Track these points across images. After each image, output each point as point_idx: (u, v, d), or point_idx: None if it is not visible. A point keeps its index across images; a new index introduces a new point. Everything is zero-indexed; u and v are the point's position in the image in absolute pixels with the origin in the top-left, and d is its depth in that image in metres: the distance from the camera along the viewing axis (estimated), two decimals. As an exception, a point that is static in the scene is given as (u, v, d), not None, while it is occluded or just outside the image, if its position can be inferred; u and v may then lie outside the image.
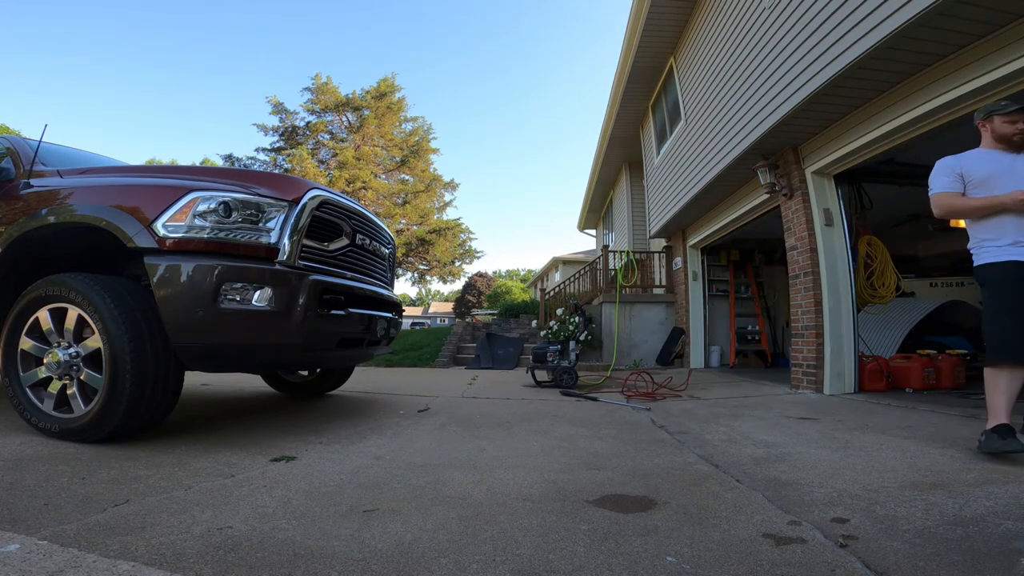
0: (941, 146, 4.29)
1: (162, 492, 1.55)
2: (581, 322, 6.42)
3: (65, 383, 2.11)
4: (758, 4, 4.36)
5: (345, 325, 2.54)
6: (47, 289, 2.13)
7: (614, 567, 1.11)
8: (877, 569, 1.09)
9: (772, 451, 2.22)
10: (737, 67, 4.81)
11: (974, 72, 2.91)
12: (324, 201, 2.49)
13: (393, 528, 1.31)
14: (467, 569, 1.09)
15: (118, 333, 1.98)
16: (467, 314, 24.09)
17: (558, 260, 23.52)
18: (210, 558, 1.11)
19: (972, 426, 2.60)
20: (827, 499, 1.56)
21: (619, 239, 11.52)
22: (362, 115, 19.14)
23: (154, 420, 2.19)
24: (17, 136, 3.12)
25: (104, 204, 2.16)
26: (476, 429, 2.75)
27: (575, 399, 4.12)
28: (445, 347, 8.72)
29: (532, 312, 11.75)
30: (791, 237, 4.56)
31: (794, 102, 3.81)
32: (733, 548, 1.20)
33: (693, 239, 7.39)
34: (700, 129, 5.85)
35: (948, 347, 4.94)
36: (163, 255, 2.04)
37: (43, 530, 1.22)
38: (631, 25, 6.65)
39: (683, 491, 1.65)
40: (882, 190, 4.76)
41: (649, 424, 2.96)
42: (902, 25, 2.76)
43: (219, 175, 2.46)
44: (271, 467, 1.87)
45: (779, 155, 4.67)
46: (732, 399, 4.00)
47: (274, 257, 2.20)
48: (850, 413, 3.18)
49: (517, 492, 1.63)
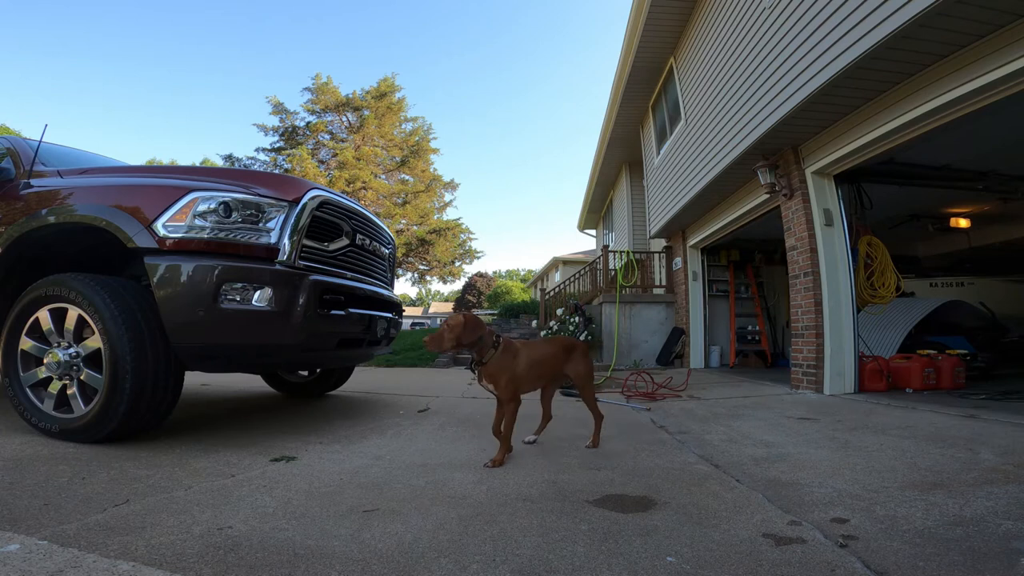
0: (941, 146, 4.34)
1: (162, 492, 1.55)
2: (581, 322, 6.42)
3: (65, 383, 2.11)
4: (758, 4, 4.36)
5: (345, 325, 2.54)
6: (47, 289, 2.13)
7: (614, 567, 1.11)
8: (877, 569, 1.09)
9: (772, 451, 2.22)
10: (737, 67, 4.81)
11: (974, 72, 2.91)
12: (324, 201, 2.50)
13: (393, 528, 1.31)
14: (467, 569, 1.09)
15: (118, 333, 1.98)
16: (467, 314, 24.06)
17: (558, 260, 23.52)
18: (210, 558, 1.11)
19: (972, 426, 2.60)
20: (827, 499, 1.56)
21: (619, 239, 11.52)
22: (362, 115, 19.13)
23: (154, 420, 2.19)
24: (17, 136, 3.12)
25: (104, 204, 2.16)
26: (476, 429, 2.75)
27: (575, 399, 4.12)
28: (445, 347, 8.71)
29: (532, 312, 11.76)
30: (791, 237, 4.56)
31: (794, 102, 3.81)
32: (733, 548, 1.20)
33: (693, 239, 7.39)
34: (700, 129, 5.85)
35: (948, 347, 4.94)
36: (163, 255, 2.04)
37: (43, 530, 1.22)
38: (631, 25, 6.65)
39: (683, 491, 1.65)
40: (882, 190, 4.76)
41: (649, 424, 2.96)
42: (902, 25, 2.76)
43: (219, 175, 2.46)
44: (271, 467, 1.87)
45: (779, 155, 4.67)
46: (732, 399, 3.99)
47: (274, 257, 2.20)
48: (850, 413, 3.18)
49: (517, 492, 1.63)
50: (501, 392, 1.99)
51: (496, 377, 1.98)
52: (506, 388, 1.98)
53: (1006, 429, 2.50)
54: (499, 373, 1.98)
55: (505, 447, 2.00)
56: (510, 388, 2.00)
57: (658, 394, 4.23)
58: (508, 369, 1.99)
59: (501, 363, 1.99)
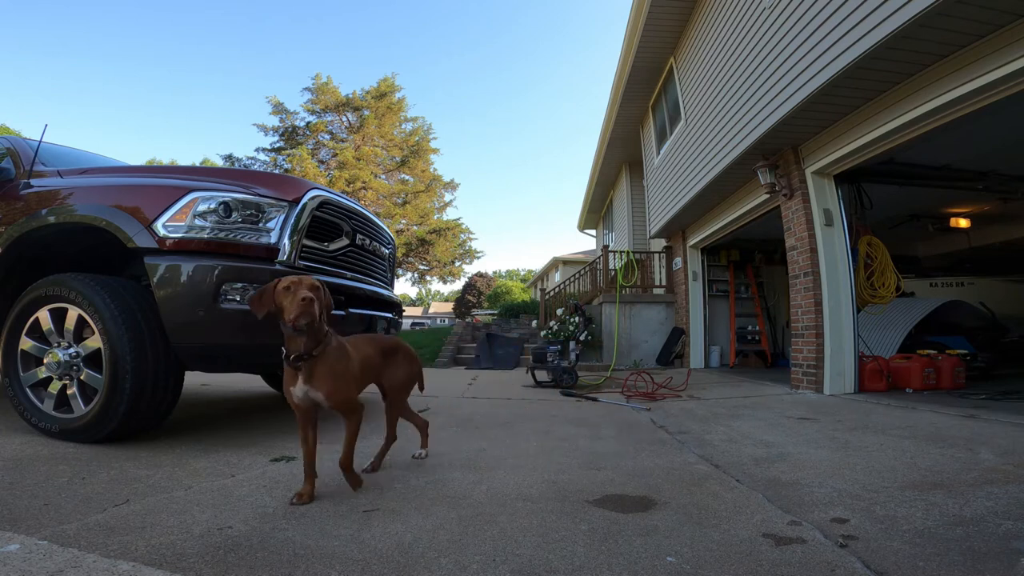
0: (941, 146, 4.34)
1: (162, 492, 1.55)
2: (581, 322, 6.41)
3: (65, 383, 2.11)
4: (758, 4, 4.36)
5: (345, 325, 2.54)
6: (47, 289, 2.13)
7: (614, 567, 1.11)
8: (877, 569, 1.09)
9: (772, 451, 2.22)
10: (737, 67, 4.81)
11: (974, 72, 2.91)
12: (324, 201, 2.50)
13: (393, 528, 1.31)
14: (467, 569, 1.09)
15: (118, 333, 1.98)
16: (467, 314, 24.08)
17: (558, 260, 23.51)
18: (210, 558, 1.11)
19: (972, 426, 2.60)
20: (827, 499, 1.56)
21: (619, 239, 11.52)
22: (362, 115, 19.15)
23: (154, 420, 2.19)
24: (17, 136, 3.12)
25: (104, 204, 2.16)
26: (476, 429, 2.76)
27: (575, 399, 4.12)
28: (445, 347, 8.72)
29: (532, 312, 11.75)
30: (791, 237, 4.56)
31: (794, 102, 3.81)
32: (733, 548, 1.20)
33: (693, 239, 7.39)
34: (700, 129, 5.85)
35: (948, 347, 4.93)
36: (163, 255, 2.04)
37: (43, 530, 1.22)
38: (631, 25, 6.65)
39: (683, 491, 1.65)
40: (882, 190, 4.75)
41: (649, 424, 2.96)
42: (902, 25, 2.76)
43: (219, 175, 2.46)
44: (271, 467, 1.87)
45: (779, 155, 4.66)
46: (732, 399, 3.99)
47: (274, 257, 2.20)
48: (850, 413, 3.18)
49: (517, 492, 1.63)
50: (342, 400, 1.54)
51: (331, 380, 1.51)
52: (349, 396, 1.58)
53: (1006, 429, 2.50)
54: (337, 375, 1.52)
55: (352, 471, 1.61)
56: (354, 394, 1.62)
57: (658, 394, 4.23)
58: (348, 371, 1.59)
59: (340, 362, 1.55)
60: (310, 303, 1.39)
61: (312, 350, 1.47)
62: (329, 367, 1.50)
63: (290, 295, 1.42)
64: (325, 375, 1.49)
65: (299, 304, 1.39)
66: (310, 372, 1.48)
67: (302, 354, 1.46)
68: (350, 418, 1.59)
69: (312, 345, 1.47)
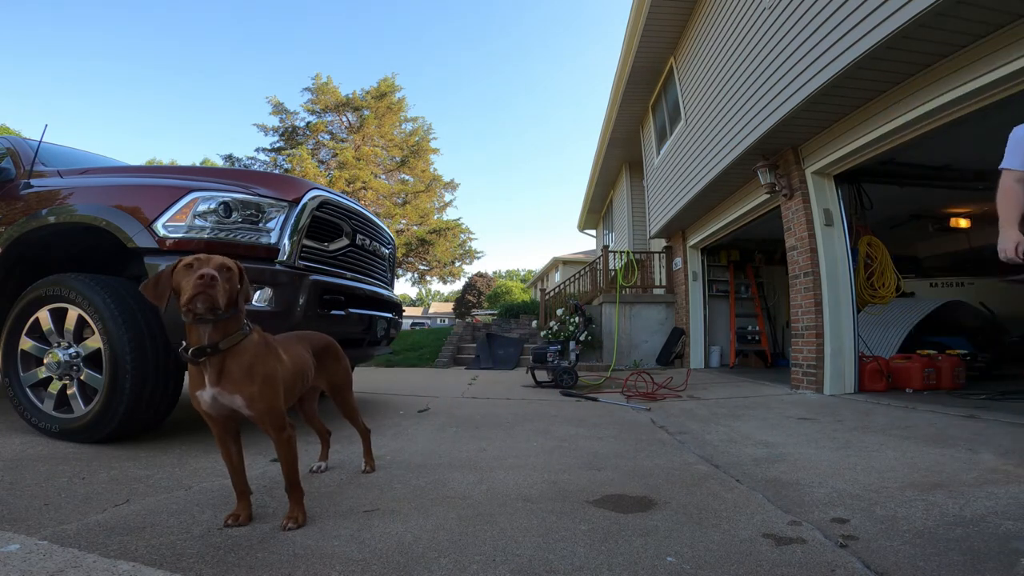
0: (941, 146, 4.33)
1: (162, 492, 1.55)
2: (581, 322, 6.42)
3: (65, 383, 2.11)
4: (758, 4, 4.36)
5: (345, 325, 2.54)
6: (47, 289, 2.13)
7: (614, 567, 1.11)
8: (877, 569, 1.09)
9: (772, 451, 2.22)
10: (737, 67, 4.81)
11: (974, 72, 2.91)
12: (324, 201, 2.50)
13: (393, 528, 1.31)
14: (467, 569, 1.09)
15: (118, 333, 1.98)
16: (467, 314, 24.08)
17: (558, 260, 23.51)
18: (210, 558, 1.11)
19: (972, 426, 2.60)
20: (827, 499, 1.56)
21: (619, 239, 11.52)
22: (362, 115, 19.15)
23: (154, 420, 2.19)
24: (17, 136, 3.12)
25: (104, 204, 2.16)
26: (476, 429, 2.76)
27: (575, 399, 4.12)
28: (445, 347, 8.72)
29: (532, 312, 11.74)
30: (791, 237, 4.56)
31: (794, 102, 3.81)
32: (733, 548, 1.20)
33: (693, 239, 7.39)
34: (700, 129, 5.85)
35: (948, 347, 4.93)
36: (163, 255, 2.04)
37: (43, 530, 1.22)
38: (631, 25, 6.65)
39: (683, 491, 1.65)
40: (882, 190, 4.75)
41: (649, 424, 2.96)
42: (902, 25, 2.76)
43: (219, 175, 2.46)
44: (271, 467, 1.87)
45: (779, 155, 4.67)
46: (732, 399, 3.99)
47: (274, 257, 2.20)
48: (850, 413, 3.18)
49: (517, 492, 1.63)
50: (264, 409, 1.24)
51: (249, 381, 1.22)
52: (275, 404, 1.26)
53: (1006, 429, 2.50)
54: (258, 377, 1.23)
55: (298, 495, 1.32)
56: (281, 404, 1.29)
57: (658, 394, 4.23)
58: (274, 373, 1.28)
59: (263, 361, 1.26)
60: (210, 282, 1.13)
61: (218, 343, 1.19)
62: (246, 366, 1.22)
63: (190, 273, 1.16)
64: (242, 375, 1.21)
65: (195, 283, 1.13)
66: (219, 371, 1.20)
67: (205, 346, 1.18)
68: (279, 436, 1.27)
69: (218, 337, 1.19)
